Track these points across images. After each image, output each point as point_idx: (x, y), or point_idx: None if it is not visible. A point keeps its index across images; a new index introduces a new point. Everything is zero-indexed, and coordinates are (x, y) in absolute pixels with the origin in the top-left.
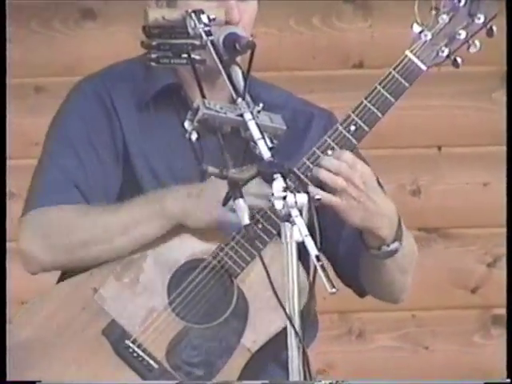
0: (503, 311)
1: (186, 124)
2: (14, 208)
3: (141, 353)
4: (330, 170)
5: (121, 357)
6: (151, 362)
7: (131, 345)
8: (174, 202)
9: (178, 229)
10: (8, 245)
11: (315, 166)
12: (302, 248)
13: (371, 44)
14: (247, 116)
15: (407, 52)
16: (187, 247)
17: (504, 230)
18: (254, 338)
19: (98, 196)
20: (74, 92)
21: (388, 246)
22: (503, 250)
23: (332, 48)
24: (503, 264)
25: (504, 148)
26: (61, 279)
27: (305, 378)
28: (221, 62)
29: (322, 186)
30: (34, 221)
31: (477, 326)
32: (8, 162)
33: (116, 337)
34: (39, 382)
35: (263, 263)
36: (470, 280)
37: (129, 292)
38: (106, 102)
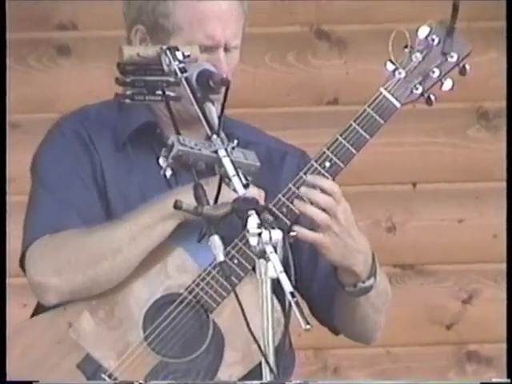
0: (478, 347)
1: (161, 160)
2: None
3: None
4: (317, 205)
5: None
6: None
7: (107, 379)
8: (173, 198)
9: (154, 262)
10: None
11: (300, 200)
12: (276, 284)
13: (346, 81)
14: (221, 153)
15: (382, 89)
16: (162, 282)
17: (478, 266)
18: (229, 372)
19: (91, 220)
20: (54, 130)
21: (363, 282)
22: (478, 286)
23: (307, 85)
24: (478, 300)
25: (479, 184)
26: (35, 313)
27: None
28: (195, 98)
29: (299, 220)
30: (40, 250)
31: (452, 362)
32: None
33: (91, 371)
34: (36, 381)
35: (238, 300)
36: (444, 316)
37: (104, 326)
38: (85, 139)
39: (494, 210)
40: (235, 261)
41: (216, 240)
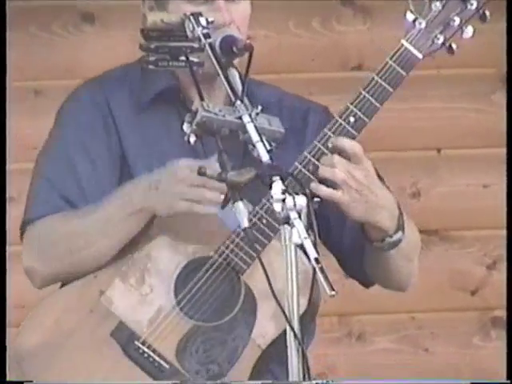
0: (503, 313)
1: (185, 126)
2: (13, 212)
3: (151, 353)
4: (329, 165)
5: (131, 358)
6: (162, 362)
7: (141, 346)
8: (139, 195)
9: (183, 226)
10: (8, 249)
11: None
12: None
13: (370, 46)
14: (246, 119)
15: (403, 41)
16: (192, 245)
17: (503, 232)
18: (263, 333)
19: (91, 201)
20: (71, 99)
21: (391, 236)
22: (503, 251)
23: (331, 50)
24: (503, 266)
25: (503, 150)
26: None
27: (304, 380)
28: (219, 64)
29: (324, 181)
30: (30, 236)
31: (476, 328)
32: (7, 166)
33: (125, 338)
34: (31, 381)
35: (262, 265)
36: (469, 282)
37: (135, 293)
38: (103, 108)
39: None
40: (264, 221)
41: (240, 206)
